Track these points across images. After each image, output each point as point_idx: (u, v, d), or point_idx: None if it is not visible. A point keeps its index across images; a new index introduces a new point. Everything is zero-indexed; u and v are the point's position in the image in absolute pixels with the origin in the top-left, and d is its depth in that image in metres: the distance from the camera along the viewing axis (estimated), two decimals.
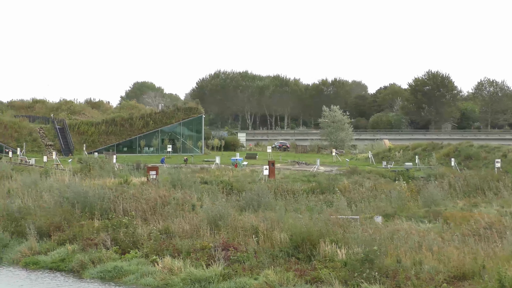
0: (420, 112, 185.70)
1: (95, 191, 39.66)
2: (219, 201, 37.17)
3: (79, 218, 37.24)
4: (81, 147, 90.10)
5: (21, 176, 56.13)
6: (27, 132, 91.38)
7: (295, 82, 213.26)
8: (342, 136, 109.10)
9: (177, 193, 41.39)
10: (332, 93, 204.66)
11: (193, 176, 54.12)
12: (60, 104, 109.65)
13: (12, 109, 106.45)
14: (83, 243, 33.85)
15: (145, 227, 34.82)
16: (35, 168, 67.53)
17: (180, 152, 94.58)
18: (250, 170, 64.37)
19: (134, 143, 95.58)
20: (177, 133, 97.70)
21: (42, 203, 41.01)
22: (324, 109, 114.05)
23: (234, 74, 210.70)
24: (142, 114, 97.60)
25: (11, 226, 37.36)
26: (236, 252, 30.11)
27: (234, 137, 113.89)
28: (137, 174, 59.66)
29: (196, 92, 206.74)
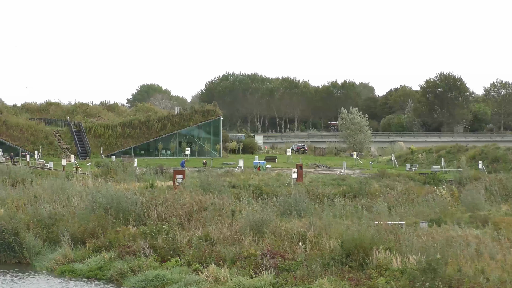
0: (432, 114, 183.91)
1: (128, 196, 38.29)
2: (259, 206, 35.75)
3: (113, 224, 35.95)
4: (97, 150, 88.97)
5: (42, 181, 54.93)
6: (43, 135, 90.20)
7: (304, 84, 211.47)
8: (361, 138, 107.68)
9: (213, 198, 40.00)
10: (342, 95, 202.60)
11: (219, 179, 52.77)
12: (75, 106, 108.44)
13: (27, 112, 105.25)
14: (120, 250, 32.60)
15: (183, 233, 33.49)
16: (54, 172, 66.37)
17: (198, 155, 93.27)
18: (275, 173, 62.97)
19: (152, 146, 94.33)
20: (195, 136, 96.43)
21: (72, 208, 39.76)
22: (343, 111, 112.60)
23: (243, 76, 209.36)
24: (160, 116, 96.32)
25: (43, 232, 36.06)
26: (283, 260, 28.81)
27: (251, 139, 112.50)
28: (160, 178, 58.44)
29: (204, 94, 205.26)
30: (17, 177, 58.89)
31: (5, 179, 57.80)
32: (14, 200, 43.65)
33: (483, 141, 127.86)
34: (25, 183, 55.93)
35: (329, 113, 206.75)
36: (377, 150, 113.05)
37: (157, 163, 76.36)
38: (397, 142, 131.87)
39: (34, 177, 59.76)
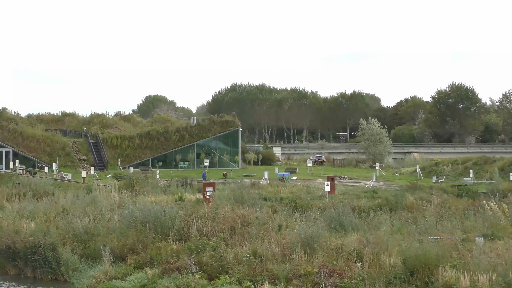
0: (443, 125, 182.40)
1: (166, 210, 36.74)
2: (305, 221, 34.19)
3: (153, 239, 34.39)
4: (115, 162, 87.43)
5: (65, 193, 53.53)
6: (60, 147, 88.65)
7: (313, 95, 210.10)
8: (380, 149, 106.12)
9: (247, 211, 38.37)
10: (351, 106, 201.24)
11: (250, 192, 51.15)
12: (91, 117, 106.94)
13: (42, 123, 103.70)
14: (163, 267, 31.13)
15: (227, 249, 31.92)
16: (75, 184, 64.98)
17: (217, 166, 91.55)
18: (303, 186, 61.32)
19: (169, 157, 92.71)
20: (213, 147, 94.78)
21: (105, 223, 38.23)
22: (362, 122, 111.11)
23: (251, 87, 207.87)
24: (178, 127, 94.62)
25: (79, 248, 34.55)
26: (342, 278, 27.28)
27: (269, 151, 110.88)
28: (187, 190, 56.83)
29: (212, 105, 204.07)
30: (38, 189, 57.54)
31: (27, 192, 56.46)
32: (44, 214, 42.27)
33: (498, 152, 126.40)
34: (47, 195, 54.65)
35: (337, 124, 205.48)
36: (391, 161, 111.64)
37: (177, 174, 74.81)
38: (411, 153, 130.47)
39: (55, 189, 58.55)
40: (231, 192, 49.78)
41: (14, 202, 52.00)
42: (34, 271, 33.87)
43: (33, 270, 33.91)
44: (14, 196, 55.11)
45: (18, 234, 35.62)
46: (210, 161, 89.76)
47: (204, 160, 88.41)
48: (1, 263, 35.33)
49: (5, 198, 54.75)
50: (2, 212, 44.48)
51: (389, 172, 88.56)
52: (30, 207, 44.99)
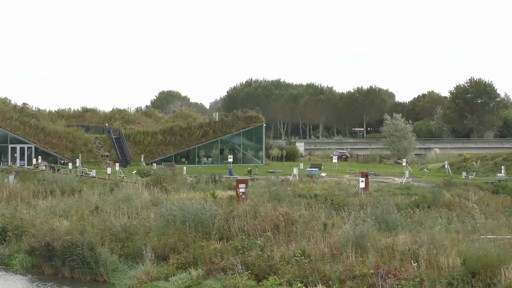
0: (462, 120, 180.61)
1: (206, 208, 35.59)
2: (357, 219, 32.93)
3: (194, 238, 33.25)
4: (137, 158, 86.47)
5: (92, 190, 52.59)
6: (82, 143, 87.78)
7: (329, 90, 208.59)
8: (405, 145, 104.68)
9: (301, 210, 37.24)
10: (368, 101, 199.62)
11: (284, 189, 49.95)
12: (113, 113, 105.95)
13: (62, 119, 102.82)
14: (207, 267, 29.96)
15: (275, 249, 30.73)
16: (101, 180, 64.05)
17: (241, 162, 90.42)
18: (334, 182, 60.12)
19: (192, 153, 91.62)
20: (236, 143, 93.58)
21: (141, 221, 37.14)
22: (386, 117, 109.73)
23: (266, 83, 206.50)
24: (201, 123, 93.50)
25: (117, 247, 33.44)
26: (397, 280, 26.05)
27: (293, 146, 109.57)
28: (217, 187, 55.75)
29: (227, 100, 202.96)
30: (64, 186, 56.65)
31: (54, 188, 55.59)
32: (77, 212, 41.29)
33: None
34: (74, 192, 53.74)
35: (352, 119, 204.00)
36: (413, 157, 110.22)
37: (201, 171, 73.82)
38: (432, 149, 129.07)
39: (82, 186, 57.64)
40: (266, 189, 48.72)
41: (41, 199, 51.27)
42: (72, 271, 32.81)
43: (70, 270, 32.84)
44: (41, 193, 54.31)
45: (53, 233, 34.57)
46: (233, 157, 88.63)
47: (228, 156, 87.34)
48: (37, 263, 34.29)
49: (32, 194, 53.99)
50: (33, 210, 43.42)
51: (415, 168, 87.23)
52: (62, 204, 43.94)
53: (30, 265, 34.51)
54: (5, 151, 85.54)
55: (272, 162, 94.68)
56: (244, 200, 43.51)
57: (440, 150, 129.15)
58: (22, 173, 74.56)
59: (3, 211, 44.03)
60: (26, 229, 37.84)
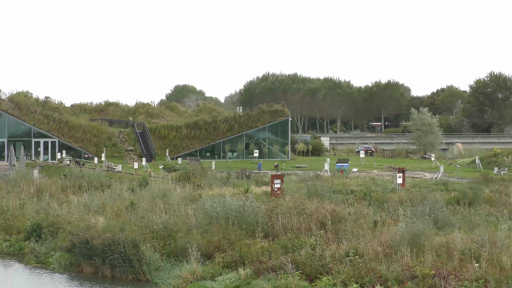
0: (482, 114, 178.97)
1: (248, 204, 34.42)
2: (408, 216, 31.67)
3: (239, 236, 32.08)
4: (162, 152, 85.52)
5: (121, 185, 51.60)
6: (106, 137, 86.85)
7: (347, 84, 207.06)
8: (431, 139, 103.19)
9: (347, 207, 36.05)
10: (386, 95, 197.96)
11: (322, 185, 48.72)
12: (136, 107, 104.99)
13: (85, 112, 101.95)
14: (255, 266, 28.81)
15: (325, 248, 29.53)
16: (128, 175, 63.08)
17: (266, 157, 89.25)
18: (368, 177, 58.86)
19: (218, 147, 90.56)
20: (262, 137, 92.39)
21: (182, 218, 36.02)
22: (413, 112, 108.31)
23: (283, 77, 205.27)
24: (226, 117, 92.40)
25: (159, 245, 32.29)
26: (459, 280, 24.84)
27: (318, 141, 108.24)
28: (248, 182, 54.57)
29: (243, 95, 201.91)
30: (92, 181, 55.66)
31: (82, 184, 54.64)
32: (113, 208, 40.27)
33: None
34: (103, 187, 52.76)
35: (370, 114, 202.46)
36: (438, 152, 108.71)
37: (227, 165, 72.82)
38: (454, 144, 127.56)
39: (110, 181, 56.72)
40: (300, 184, 47.58)
41: (70, 194, 50.33)
42: (112, 269, 31.66)
43: (111, 269, 31.70)
44: (69, 188, 53.35)
45: (90, 230, 33.48)
46: (259, 151, 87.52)
47: (253, 151, 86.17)
48: (76, 261, 33.18)
49: (60, 190, 53.07)
50: (67, 206, 42.36)
51: (443, 163, 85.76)
52: (96, 200, 42.89)
53: (68, 264, 33.37)
54: (28, 145, 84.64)
55: (297, 157, 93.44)
56: (279, 196, 42.44)
57: (462, 145, 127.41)
58: (47, 167, 73.67)
59: (35, 207, 43.05)
60: (62, 226, 36.75)
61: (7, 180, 58.59)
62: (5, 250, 37.85)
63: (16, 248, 37.63)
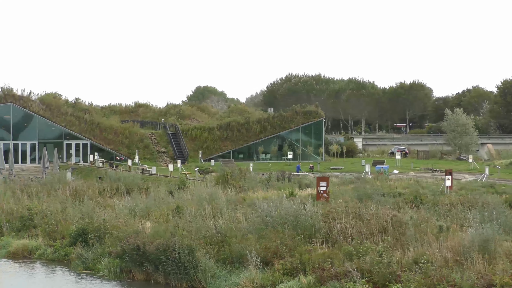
0: (510, 115, 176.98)
1: (307, 209, 33.19)
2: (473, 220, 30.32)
3: (296, 242, 30.80)
4: (195, 154, 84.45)
5: (159, 188, 50.54)
6: (138, 138, 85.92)
7: (371, 85, 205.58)
8: (467, 140, 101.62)
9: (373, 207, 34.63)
10: (411, 96, 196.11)
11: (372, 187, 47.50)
12: (168, 108, 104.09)
13: (115, 114, 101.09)
14: (317, 274, 27.47)
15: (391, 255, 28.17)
16: (164, 178, 62.13)
17: (300, 159, 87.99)
18: (412, 179, 57.50)
19: (251, 149, 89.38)
20: (295, 138, 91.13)
21: (232, 222, 34.84)
22: (447, 112, 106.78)
23: (307, 78, 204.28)
24: (259, 118, 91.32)
25: (213, 251, 31.04)
26: None
27: (351, 142, 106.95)
28: (289, 185, 53.41)
29: (266, 96, 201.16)
30: (129, 184, 54.74)
31: (119, 186, 53.69)
32: (158, 212, 39.15)
33: None
34: (141, 190, 51.76)
35: (396, 114, 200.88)
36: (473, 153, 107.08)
37: (260, 167, 71.75)
38: (485, 145, 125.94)
39: (147, 184, 55.77)
40: (345, 186, 46.34)
41: (107, 198, 49.42)
42: (166, 276, 30.43)
43: (164, 276, 30.47)
44: (106, 191, 52.42)
45: (139, 235, 32.36)
46: (292, 153, 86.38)
47: (287, 152, 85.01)
48: (126, 267, 32.02)
49: (97, 193, 52.13)
50: (111, 210, 41.27)
51: (479, 164, 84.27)
52: (141, 204, 41.77)
53: (118, 270, 32.21)
54: (59, 147, 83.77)
55: (331, 158, 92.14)
56: (325, 199, 41.36)
57: (492, 146, 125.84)
58: (79, 169, 72.91)
59: (77, 211, 42.01)
60: (108, 231, 35.62)
61: (43, 183, 57.63)
62: (50, 256, 36.72)
63: (61, 253, 36.50)
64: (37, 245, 38.08)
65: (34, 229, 40.85)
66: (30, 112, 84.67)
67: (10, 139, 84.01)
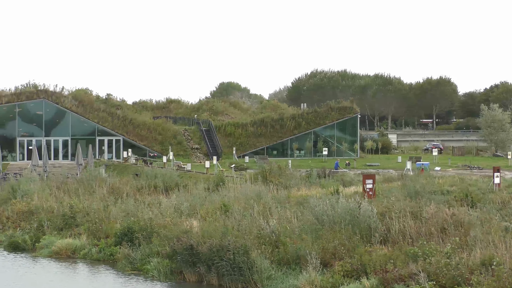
0: None
1: (364, 208, 32.02)
2: None
3: (354, 242, 29.65)
4: (228, 151, 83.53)
5: (196, 185, 49.58)
6: (171, 135, 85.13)
7: (398, 81, 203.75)
8: (503, 137, 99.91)
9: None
10: (437, 92, 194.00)
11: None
12: (200, 104, 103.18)
13: (146, 110, 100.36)
14: (380, 276, 26.33)
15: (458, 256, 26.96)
16: (197, 174, 61.28)
17: (334, 155, 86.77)
18: (455, 176, 56.13)
19: (285, 145, 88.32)
20: (329, 134, 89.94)
21: (285, 222, 33.74)
22: (483, 108, 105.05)
23: (332, 73, 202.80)
24: (293, 114, 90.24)
25: (267, 252, 29.91)
26: None
27: (386, 138, 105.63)
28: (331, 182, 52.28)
29: (291, 91, 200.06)
30: (166, 181, 53.79)
31: (157, 184, 52.76)
32: (207, 211, 38.15)
33: None
34: (179, 187, 50.80)
35: (422, 110, 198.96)
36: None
37: (295, 164, 70.59)
38: None
39: (184, 181, 54.84)
40: (390, 184, 45.18)
41: (146, 195, 48.55)
42: (219, 278, 29.37)
43: (218, 277, 29.41)
44: (144, 188, 51.59)
45: (189, 234, 31.35)
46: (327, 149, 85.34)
47: (322, 149, 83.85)
48: (177, 268, 31.02)
49: (135, 190, 51.30)
50: (157, 209, 40.25)
51: None
52: (186, 202, 40.76)
53: (169, 271, 31.19)
54: (92, 143, 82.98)
55: (366, 155, 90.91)
56: (371, 197, 40.25)
57: None
58: (112, 166, 72.14)
59: (119, 209, 41.14)
60: (156, 230, 34.64)
61: (79, 179, 56.80)
62: (95, 256, 35.80)
63: (107, 253, 35.58)
64: (81, 245, 37.18)
65: (76, 228, 39.93)
66: (62, 108, 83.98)
67: (42, 136, 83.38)
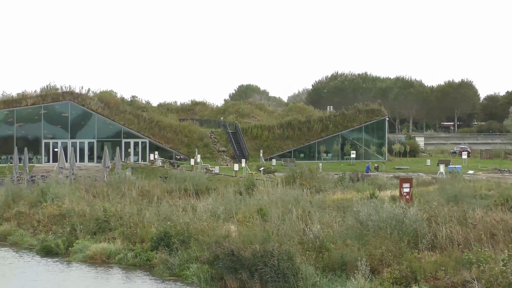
0: None
1: (410, 213, 31.11)
2: None
3: (403, 248, 28.75)
4: (255, 153, 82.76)
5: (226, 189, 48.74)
6: (197, 137, 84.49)
7: (419, 83, 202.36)
8: None
9: None
10: (459, 95, 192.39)
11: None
12: (226, 106, 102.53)
13: (171, 112, 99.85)
14: (431, 283, 25.55)
15: None
16: (230, 178, 60.52)
17: (362, 158, 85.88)
18: (493, 181, 55.11)
19: (312, 148, 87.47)
20: (356, 137, 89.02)
21: (326, 226, 32.87)
22: (511, 111, 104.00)
23: (353, 76, 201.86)
24: (320, 116, 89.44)
25: (311, 258, 29.07)
26: None
27: (413, 141, 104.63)
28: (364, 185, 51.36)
29: (312, 94, 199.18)
30: (197, 184, 53.03)
31: (187, 187, 52.00)
32: (244, 215, 37.39)
33: None
34: (209, 191, 50.11)
35: (444, 113, 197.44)
36: None
37: (342, 168, 69.88)
38: None
39: (214, 184, 54.15)
40: (437, 189, 44.25)
41: (177, 198, 47.80)
42: (262, 284, 28.52)
43: (261, 284, 28.56)
44: (175, 192, 50.87)
45: (229, 240, 30.55)
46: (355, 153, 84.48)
47: (350, 152, 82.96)
48: (217, 274, 30.20)
49: (166, 193, 50.57)
50: (192, 213, 39.50)
51: None
52: (221, 207, 40.00)
53: (209, 277, 30.38)
54: (118, 146, 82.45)
55: (394, 158, 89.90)
56: (408, 201, 39.33)
57: None
58: (139, 169, 71.48)
59: (153, 213, 40.44)
60: (194, 235, 33.86)
61: (108, 182, 56.20)
62: (131, 261, 35.07)
63: (143, 258, 34.84)
64: (116, 249, 36.47)
65: (110, 232, 39.23)
66: (88, 110, 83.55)
67: (68, 138, 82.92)
